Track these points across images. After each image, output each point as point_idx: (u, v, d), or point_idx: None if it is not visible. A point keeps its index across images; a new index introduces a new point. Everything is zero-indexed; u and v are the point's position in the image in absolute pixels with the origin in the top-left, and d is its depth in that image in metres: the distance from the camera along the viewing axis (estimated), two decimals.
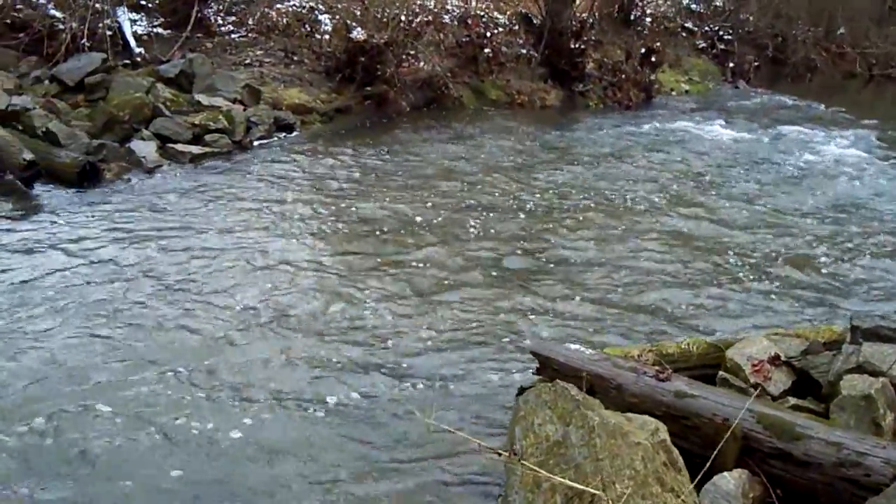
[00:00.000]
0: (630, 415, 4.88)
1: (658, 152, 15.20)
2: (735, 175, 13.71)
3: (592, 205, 11.56)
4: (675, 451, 4.64)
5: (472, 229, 10.24)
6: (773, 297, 8.62)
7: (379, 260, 9.04)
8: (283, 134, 14.49)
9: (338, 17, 17.73)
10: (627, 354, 5.99)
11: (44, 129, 11.86)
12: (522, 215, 10.94)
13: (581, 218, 10.99)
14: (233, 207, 10.55)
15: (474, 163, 13.59)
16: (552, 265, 9.28)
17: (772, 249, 10.02)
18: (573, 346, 6.06)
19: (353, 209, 10.68)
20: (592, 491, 4.10)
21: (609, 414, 4.59)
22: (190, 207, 10.47)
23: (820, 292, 8.81)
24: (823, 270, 9.45)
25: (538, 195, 11.86)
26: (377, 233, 9.91)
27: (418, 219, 10.47)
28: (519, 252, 9.62)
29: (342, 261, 8.98)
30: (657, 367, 5.48)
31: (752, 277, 9.11)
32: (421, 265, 8.98)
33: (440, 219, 10.53)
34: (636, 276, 9.02)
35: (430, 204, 11.10)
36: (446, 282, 8.59)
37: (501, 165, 13.57)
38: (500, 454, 4.65)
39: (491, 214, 10.83)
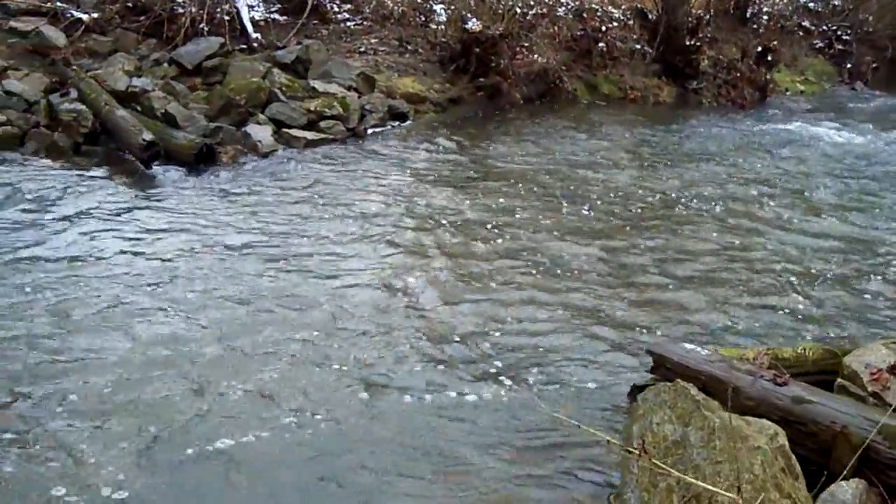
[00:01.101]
0: (749, 418, 4.72)
1: (773, 153, 14.55)
2: (856, 179, 13.02)
3: (705, 203, 11.05)
4: (793, 458, 4.52)
5: (585, 223, 9.85)
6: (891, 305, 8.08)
7: (488, 252, 8.70)
8: (397, 123, 14.24)
9: (453, 7, 17.43)
10: (742, 357, 5.76)
11: (163, 111, 11.85)
12: (636, 211, 10.50)
13: (694, 216, 10.51)
14: (347, 195, 10.31)
15: (588, 157, 13.17)
16: (664, 262, 8.84)
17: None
18: (689, 346, 5.88)
19: (466, 201, 10.34)
20: (724, 493, 3.92)
21: (729, 416, 4.33)
22: (304, 192, 10.30)
23: None
24: None
25: (651, 192, 11.39)
26: (488, 225, 9.54)
27: (530, 212, 10.10)
28: (631, 248, 9.19)
29: (455, 253, 8.66)
30: (774, 371, 5.29)
31: (869, 284, 8.55)
32: (532, 259, 8.60)
33: (552, 212, 10.15)
34: (748, 277, 8.55)
35: (542, 197, 10.74)
36: (559, 276, 8.23)
37: (615, 160, 13.12)
38: (629, 451, 4.49)
39: (604, 209, 10.42)
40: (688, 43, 20.12)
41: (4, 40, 14.20)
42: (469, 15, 16.53)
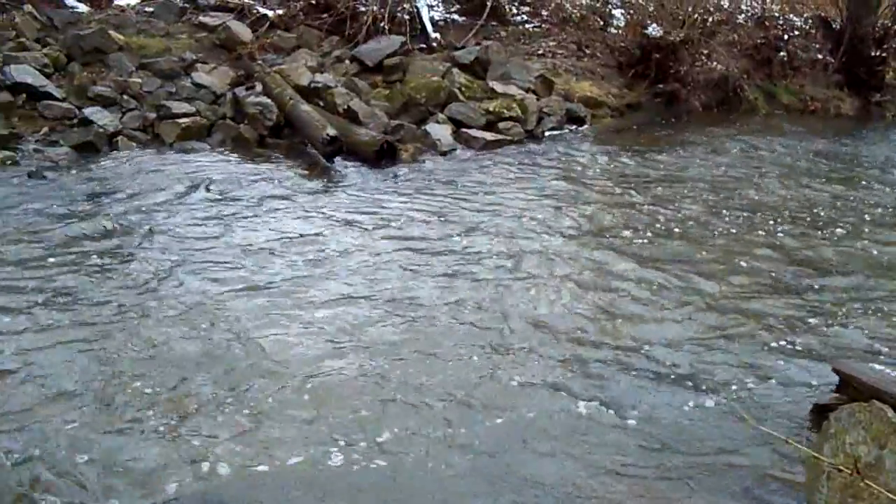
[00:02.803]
0: None
1: None
2: None
3: (886, 221, 10.18)
4: None
5: (759, 236, 9.08)
6: None
7: (661, 263, 8.04)
8: (574, 126, 13.82)
9: (632, 12, 16.94)
10: None
11: (345, 107, 11.77)
12: (821, 223, 9.68)
13: (874, 234, 9.59)
14: (525, 197, 9.87)
15: (767, 168, 12.30)
16: (844, 279, 8.02)
17: None
18: (877, 367, 5.67)
19: (643, 210, 9.73)
20: None
21: None
22: (482, 193, 9.94)
23: None
24: None
25: (828, 207, 10.51)
26: (662, 236, 8.84)
27: (712, 222, 9.43)
28: (817, 261, 8.45)
29: (629, 262, 8.01)
30: None
31: None
32: (705, 271, 7.90)
33: (727, 223, 9.42)
34: None
35: (724, 207, 10.00)
36: (732, 288, 7.57)
37: (793, 173, 12.25)
38: (840, 470, 4.09)
39: (782, 224, 9.59)
40: (873, 54, 19.07)
41: (193, 35, 14.46)
42: (649, 20, 16.01)
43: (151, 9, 15.26)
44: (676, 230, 9.09)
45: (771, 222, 9.59)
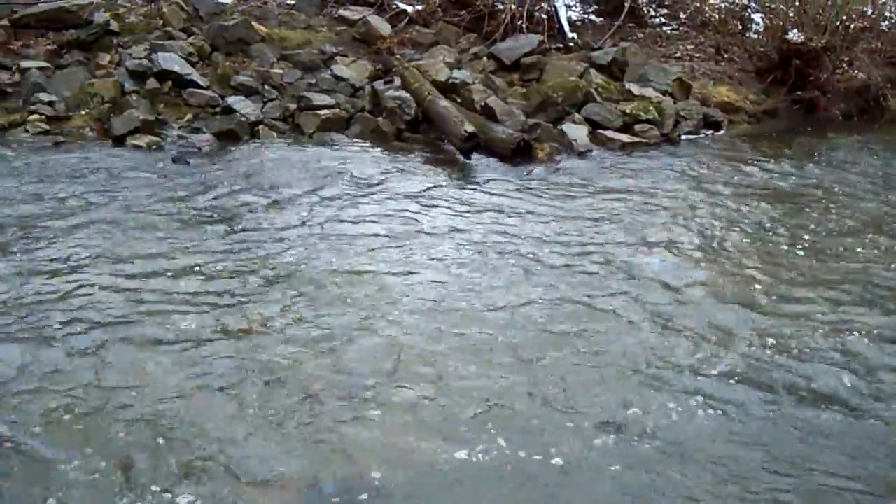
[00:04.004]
0: None
1: None
2: None
3: None
4: None
5: None
6: None
7: (793, 280, 7.60)
8: (710, 131, 13.41)
9: (772, 17, 16.44)
10: None
11: (482, 104, 11.68)
12: None
13: None
14: (663, 201, 9.58)
15: None
16: None
17: None
18: None
19: (780, 225, 9.20)
20: None
21: None
22: (620, 195, 9.69)
23: None
24: None
25: None
26: (816, 248, 8.42)
27: (856, 237, 8.93)
28: None
29: (763, 281, 7.53)
30: None
31: None
32: (836, 293, 7.36)
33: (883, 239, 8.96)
34: None
35: (870, 222, 9.49)
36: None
37: None
38: None
39: None
40: None
41: (333, 28, 14.57)
42: (790, 26, 15.52)
43: (293, 1, 15.43)
44: (840, 247, 8.61)
45: None
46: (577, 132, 11.62)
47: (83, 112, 11.06)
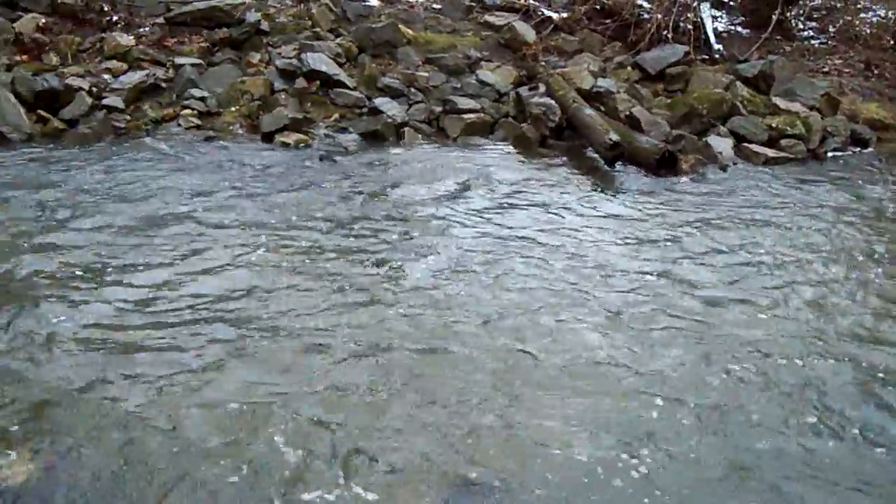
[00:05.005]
0: None
1: None
2: None
3: None
4: None
5: None
6: None
7: None
8: (858, 149, 12.93)
9: None
10: None
11: (626, 113, 11.62)
12: None
13: None
14: (810, 221, 9.22)
15: None
16: None
17: None
18: None
19: None
20: None
21: None
22: (764, 211, 9.44)
23: None
24: None
25: None
26: None
27: None
28: None
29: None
30: None
31: None
32: None
33: None
34: None
35: None
36: None
37: None
38: None
39: None
40: None
41: (479, 33, 14.67)
42: None
43: (439, 6, 15.60)
44: None
45: None
46: (722, 145, 11.43)
47: (233, 108, 11.41)
